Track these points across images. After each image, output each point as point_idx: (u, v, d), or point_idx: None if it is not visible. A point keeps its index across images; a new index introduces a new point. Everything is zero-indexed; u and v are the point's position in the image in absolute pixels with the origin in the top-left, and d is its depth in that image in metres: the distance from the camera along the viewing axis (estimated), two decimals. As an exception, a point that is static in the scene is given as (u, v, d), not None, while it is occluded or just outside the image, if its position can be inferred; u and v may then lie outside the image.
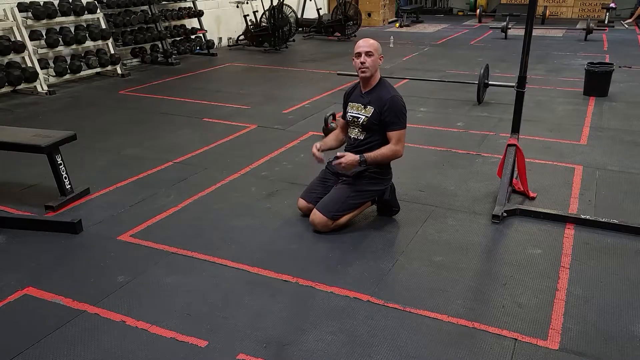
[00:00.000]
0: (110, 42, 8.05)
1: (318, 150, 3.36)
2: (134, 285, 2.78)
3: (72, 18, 7.58)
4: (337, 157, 3.21)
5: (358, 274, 2.86)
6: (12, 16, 6.84)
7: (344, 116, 3.47)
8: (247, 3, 10.90)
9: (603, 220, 3.31)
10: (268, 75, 8.24)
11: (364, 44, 3.23)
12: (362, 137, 3.31)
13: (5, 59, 6.75)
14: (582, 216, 3.39)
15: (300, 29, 12.17)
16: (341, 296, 2.67)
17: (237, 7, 10.94)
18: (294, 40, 11.22)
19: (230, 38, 11.06)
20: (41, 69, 7.04)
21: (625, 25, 13.00)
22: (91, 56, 7.73)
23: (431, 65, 8.74)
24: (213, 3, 10.59)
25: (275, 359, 2.26)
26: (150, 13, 8.89)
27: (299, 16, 12.30)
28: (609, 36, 11.73)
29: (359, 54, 3.23)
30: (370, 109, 3.24)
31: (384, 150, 3.23)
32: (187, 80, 7.80)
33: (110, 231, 3.34)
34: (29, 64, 6.90)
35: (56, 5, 7.32)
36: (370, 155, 3.20)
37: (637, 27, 13.21)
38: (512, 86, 3.83)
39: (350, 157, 3.19)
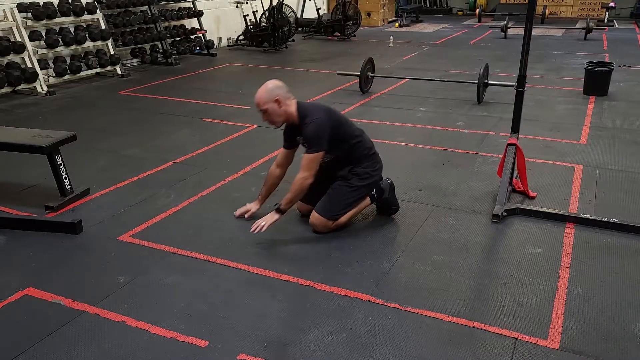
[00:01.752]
0: (109, 42, 8.05)
1: (250, 215, 3.36)
2: (134, 285, 2.78)
3: (71, 18, 7.58)
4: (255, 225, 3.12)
5: (358, 274, 2.86)
6: (12, 17, 6.84)
7: (285, 146, 3.36)
8: (247, 3, 10.90)
9: (603, 219, 3.32)
10: (268, 75, 8.15)
11: (256, 100, 3.09)
12: (330, 157, 3.27)
13: (5, 60, 6.75)
14: (582, 215, 3.39)
15: (299, 28, 12.16)
16: (341, 296, 2.67)
17: (237, 7, 10.94)
18: (293, 40, 11.22)
19: (230, 38, 11.06)
20: (41, 69, 7.04)
21: None
22: (91, 56, 7.73)
23: (431, 64, 8.74)
24: (213, 3, 10.59)
25: (275, 358, 2.26)
26: (149, 13, 8.89)
27: (299, 16, 12.30)
28: (609, 35, 11.74)
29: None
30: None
31: (293, 187, 3.10)
32: (187, 81, 7.80)
33: (110, 231, 3.34)
34: (29, 65, 6.90)
35: (56, 5, 7.32)
36: (285, 199, 3.10)
37: (637, 27, 13.20)
38: (512, 85, 3.83)
39: (261, 222, 3.08)
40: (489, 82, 6.29)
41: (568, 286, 2.74)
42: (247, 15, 10.78)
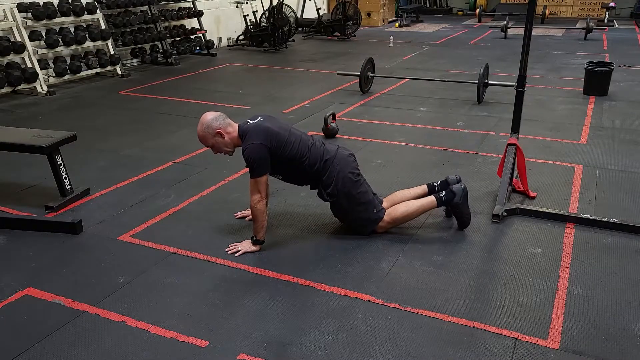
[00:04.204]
0: (110, 42, 8.05)
1: (250, 219, 3.30)
2: (135, 285, 2.78)
3: (71, 18, 7.58)
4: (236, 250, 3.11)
5: (358, 274, 2.86)
6: (12, 17, 6.84)
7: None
8: (247, 3, 10.91)
9: (603, 219, 3.32)
10: (268, 75, 8.24)
11: (199, 139, 3.06)
12: (280, 177, 3.25)
13: (5, 60, 6.75)
14: (583, 215, 3.39)
15: (299, 28, 12.17)
16: (341, 296, 2.67)
17: (237, 7, 10.94)
18: (293, 40, 11.22)
19: (230, 38, 11.06)
20: (41, 69, 7.04)
21: None
22: (91, 56, 7.74)
23: (431, 64, 8.74)
24: (213, 3, 10.59)
25: (275, 358, 2.26)
26: (150, 13, 8.89)
27: (299, 16, 12.30)
28: (609, 35, 11.73)
29: None
30: None
31: (251, 214, 3.08)
32: (186, 81, 7.80)
33: (110, 231, 3.34)
34: (29, 65, 6.90)
35: (56, 5, 7.32)
36: (254, 230, 3.08)
37: (637, 27, 13.20)
38: (512, 85, 3.83)
39: (238, 246, 3.09)
40: (489, 82, 6.29)
41: (568, 286, 2.74)
42: (247, 15, 10.78)
